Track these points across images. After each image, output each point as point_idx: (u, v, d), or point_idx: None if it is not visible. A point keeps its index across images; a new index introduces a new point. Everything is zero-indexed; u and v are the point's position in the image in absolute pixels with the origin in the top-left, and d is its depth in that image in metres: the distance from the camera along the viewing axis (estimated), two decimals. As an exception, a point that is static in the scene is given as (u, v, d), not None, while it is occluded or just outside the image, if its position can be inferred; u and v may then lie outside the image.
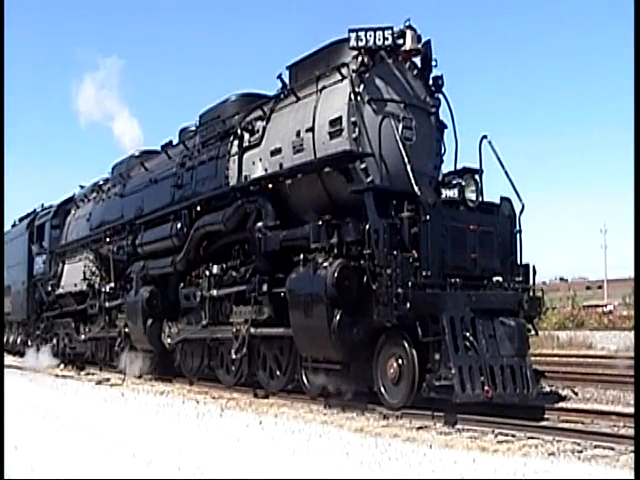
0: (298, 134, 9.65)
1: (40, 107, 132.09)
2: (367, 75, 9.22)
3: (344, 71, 9.23)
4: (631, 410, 8.35)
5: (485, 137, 9.35)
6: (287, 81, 10.56)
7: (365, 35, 9.03)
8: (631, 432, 6.88)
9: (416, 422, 7.80)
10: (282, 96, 10.50)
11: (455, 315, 7.92)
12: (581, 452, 6.26)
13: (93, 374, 15.13)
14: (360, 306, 8.38)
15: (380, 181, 8.82)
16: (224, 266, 11.16)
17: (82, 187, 18.60)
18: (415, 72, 9.76)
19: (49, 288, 18.19)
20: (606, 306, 44.14)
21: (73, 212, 18.26)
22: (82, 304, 16.19)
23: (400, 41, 9.26)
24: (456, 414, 7.68)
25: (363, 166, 8.86)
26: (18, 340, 21.28)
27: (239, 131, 10.91)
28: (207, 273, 11.34)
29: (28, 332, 20.21)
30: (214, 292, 11.20)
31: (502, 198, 9.34)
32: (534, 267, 9.35)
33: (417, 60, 9.74)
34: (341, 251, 8.61)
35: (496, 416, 7.48)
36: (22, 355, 19.66)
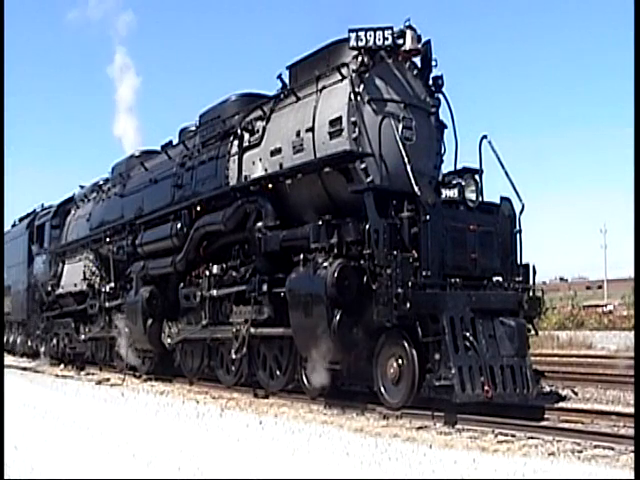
0: (298, 134, 9.65)
1: (40, 107, 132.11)
2: (367, 75, 9.21)
3: (344, 71, 9.22)
4: (631, 410, 8.35)
5: (485, 137, 9.36)
6: (287, 81, 10.56)
7: (365, 35, 9.03)
8: (631, 432, 6.88)
9: (416, 422, 7.80)
10: (282, 96, 10.49)
11: (455, 315, 7.92)
12: (581, 452, 6.27)
13: (93, 374, 15.13)
14: (360, 306, 8.38)
15: (380, 181, 8.82)
16: (224, 266, 11.16)
17: (82, 187, 18.60)
18: (415, 72, 9.76)
19: (49, 288, 18.18)
20: (606, 306, 44.15)
21: (73, 212, 18.26)
22: (82, 304, 16.19)
23: (400, 41, 9.26)
24: (456, 414, 7.68)
25: (363, 166, 8.86)
26: (18, 340, 21.28)
27: (239, 131, 10.91)
28: (207, 273, 11.34)
29: (28, 332, 20.21)
30: (214, 292, 11.20)
31: (502, 198, 9.34)
32: (534, 267, 9.36)
33: (417, 60, 9.75)
34: (341, 251, 8.61)
35: (496, 416, 7.48)
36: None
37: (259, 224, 10.02)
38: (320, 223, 8.84)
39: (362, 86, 9.13)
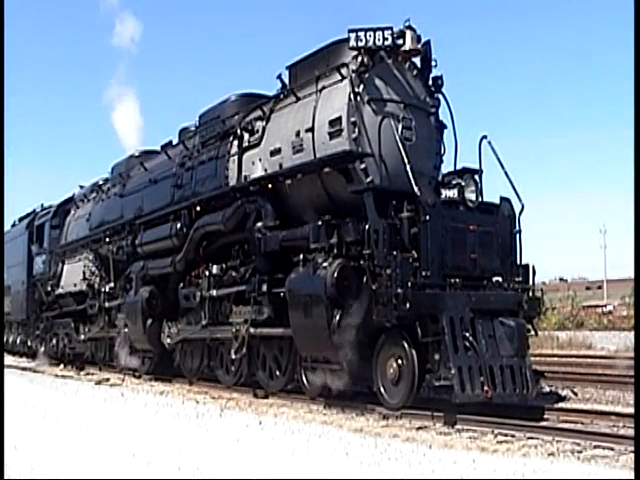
0: (298, 134, 9.64)
1: (40, 107, 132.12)
2: (367, 75, 9.21)
3: (344, 71, 9.22)
4: (631, 410, 8.35)
5: (485, 137, 9.36)
6: (287, 81, 10.56)
7: (365, 35, 9.02)
8: (631, 432, 6.89)
9: (416, 422, 7.80)
10: (282, 96, 10.49)
11: (455, 315, 7.92)
12: (581, 452, 6.27)
13: (93, 374, 15.13)
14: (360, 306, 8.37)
15: (380, 181, 8.82)
16: (224, 266, 11.16)
17: (82, 187, 18.61)
18: (415, 72, 9.76)
19: (49, 288, 18.19)
20: (606, 306, 44.19)
21: (73, 212, 18.26)
22: (82, 304, 16.19)
23: (400, 41, 9.26)
24: (456, 414, 7.69)
25: (363, 166, 8.86)
26: (18, 340, 21.28)
27: (239, 131, 10.90)
28: (207, 273, 11.34)
29: (28, 332, 20.22)
30: (214, 292, 11.20)
31: (502, 198, 9.34)
32: (534, 267, 9.36)
33: (417, 60, 9.75)
34: (341, 251, 8.61)
35: (496, 416, 7.48)
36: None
37: (259, 224, 10.02)
38: (320, 223, 8.84)
39: (362, 86, 9.13)
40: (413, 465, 5.61)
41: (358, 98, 9.07)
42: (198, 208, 11.63)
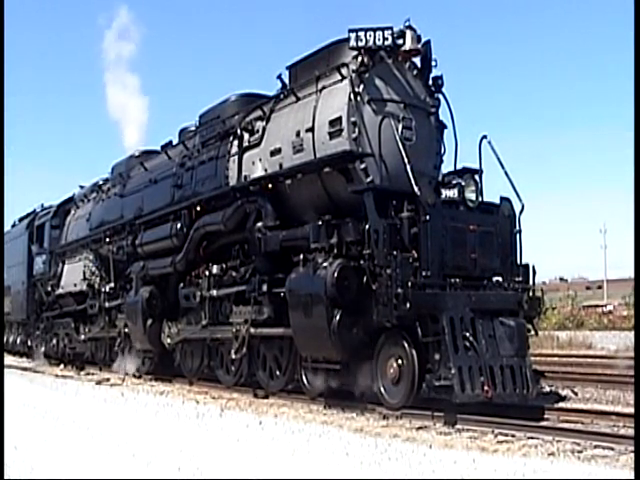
0: (298, 134, 9.64)
1: (40, 107, 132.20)
2: (367, 75, 9.21)
3: (344, 71, 9.22)
4: (631, 410, 8.35)
5: (485, 137, 9.36)
6: (287, 81, 10.56)
7: (365, 35, 9.02)
8: (631, 432, 6.88)
9: (416, 422, 7.80)
10: (282, 96, 10.49)
11: (455, 315, 7.92)
12: (581, 452, 6.26)
13: (93, 374, 15.13)
14: (360, 306, 8.38)
15: (380, 181, 8.82)
16: (224, 266, 11.16)
17: (82, 187, 18.62)
18: (415, 72, 9.76)
19: (49, 288, 18.19)
20: (606, 306, 44.20)
21: (73, 212, 18.26)
22: (82, 304, 16.19)
23: (400, 41, 9.26)
24: (456, 414, 7.69)
25: (363, 166, 8.86)
26: (18, 340, 21.29)
27: (239, 131, 10.90)
28: (207, 273, 11.34)
29: (28, 332, 20.23)
30: (214, 292, 11.20)
31: (502, 198, 9.34)
32: (534, 267, 9.36)
33: (417, 60, 9.75)
34: (341, 251, 8.61)
35: (496, 416, 7.48)
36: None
37: (259, 224, 10.03)
38: (320, 223, 8.84)
39: (362, 86, 9.13)
40: (413, 465, 5.61)
41: (358, 98, 9.07)
42: (198, 208, 11.63)
